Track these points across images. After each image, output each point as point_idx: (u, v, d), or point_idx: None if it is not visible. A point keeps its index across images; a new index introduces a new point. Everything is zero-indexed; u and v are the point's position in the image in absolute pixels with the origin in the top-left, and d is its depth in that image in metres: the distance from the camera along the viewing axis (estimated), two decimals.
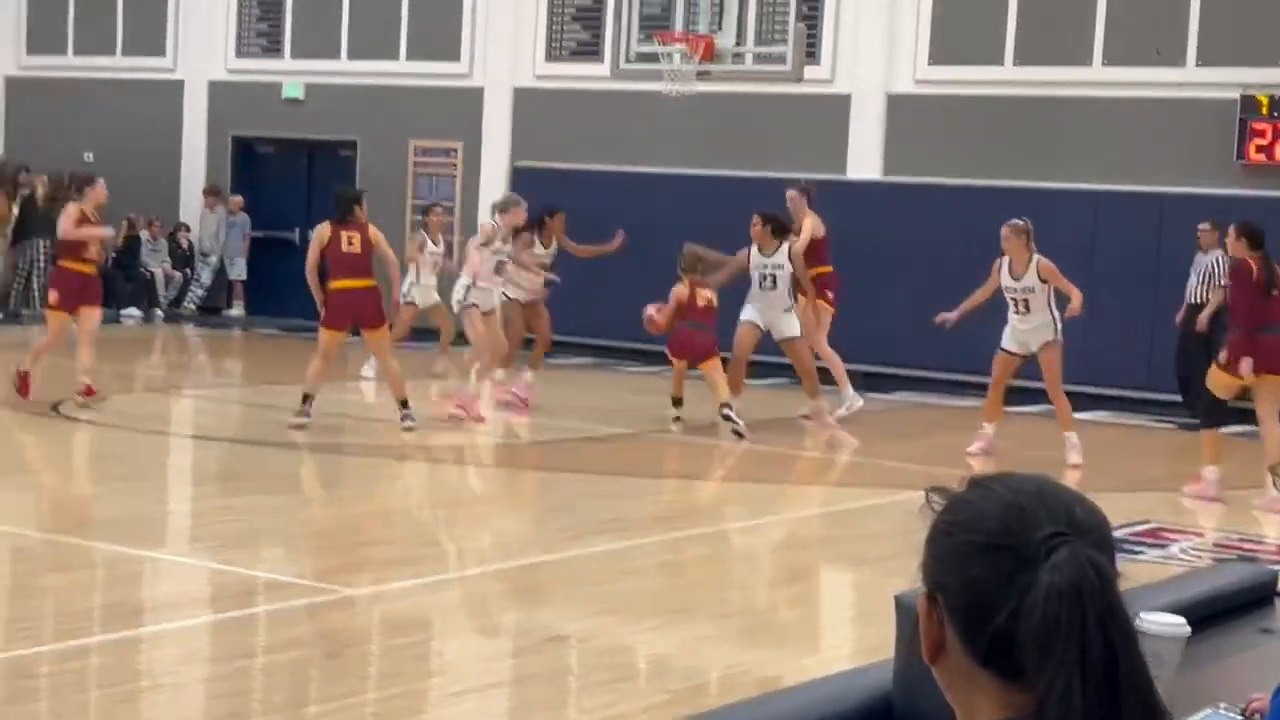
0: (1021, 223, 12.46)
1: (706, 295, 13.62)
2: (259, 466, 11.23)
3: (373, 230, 12.60)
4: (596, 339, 20.06)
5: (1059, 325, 12.28)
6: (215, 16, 22.61)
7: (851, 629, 7.76)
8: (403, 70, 21.46)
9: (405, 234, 21.53)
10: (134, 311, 22.01)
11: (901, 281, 17.80)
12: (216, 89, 22.78)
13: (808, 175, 18.60)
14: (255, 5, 22.51)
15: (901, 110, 18.61)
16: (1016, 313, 12.36)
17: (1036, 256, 12.32)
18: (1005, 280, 12.36)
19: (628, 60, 18.37)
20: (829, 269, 14.42)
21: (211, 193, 22.79)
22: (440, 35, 21.24)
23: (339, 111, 21.84)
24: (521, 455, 12.31)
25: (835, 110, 18.84)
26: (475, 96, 21.06)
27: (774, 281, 13.58)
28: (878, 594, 7.19)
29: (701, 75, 16.69)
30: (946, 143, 18.26)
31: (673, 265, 14.38)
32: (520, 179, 20.90)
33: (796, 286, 13.68)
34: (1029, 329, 12.31)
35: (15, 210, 21.34)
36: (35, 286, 20.78)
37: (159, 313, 22.29)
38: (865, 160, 18.87)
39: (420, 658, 6.64)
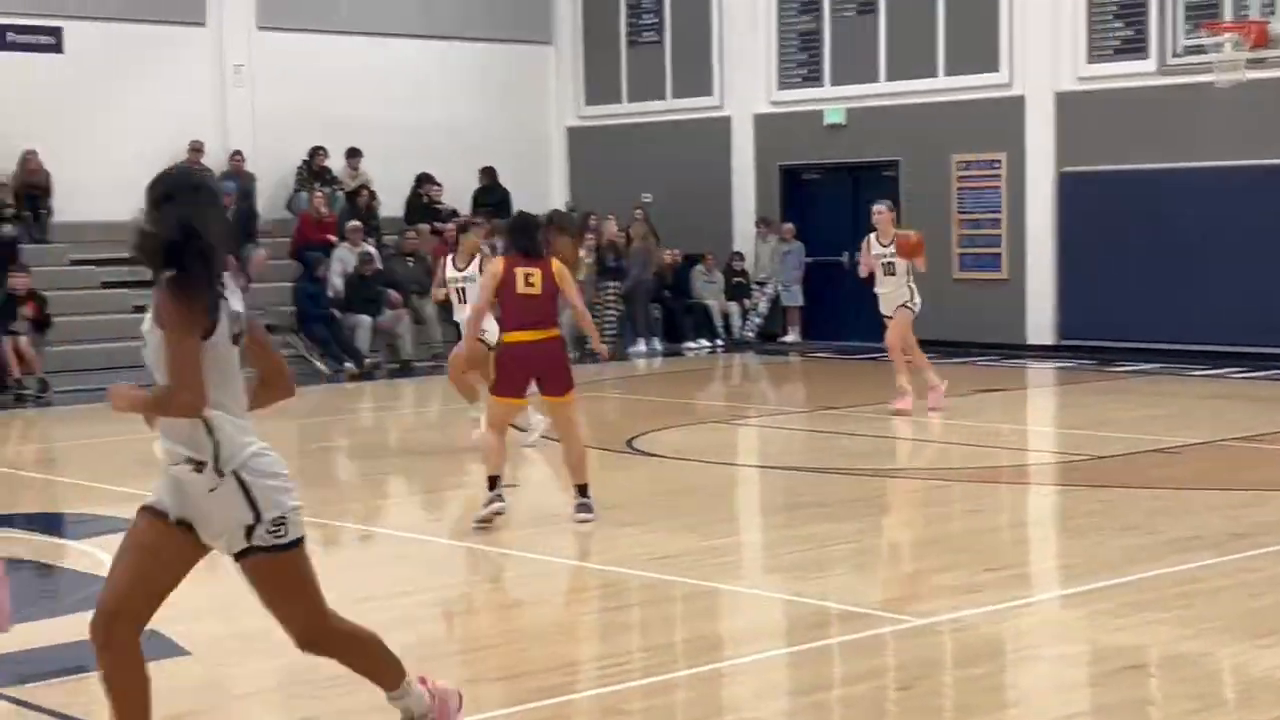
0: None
1: None
2: (822, 494, 11.47)
3: (557, 266, 10.10)
4: (1161, 342, 19.47)
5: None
6: (756, 52, 23.26)
7: None
8: (942, 86, 21.47)
9: (953, 249, 21.53)
10: (696, 343, 22.89)
11: None
12: (762, 121, 23.42)
13: None
14: (795, 38, 23.02)
15: None
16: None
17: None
18: None
19: (1175, 54, 17.75)
20: None
21: (763, 223, 23.44)
22: (978, 47, 21.12)
23: (880, 133, 22.05)
24: (1083, 472, 12.05)
25: None
26: (1016, 105, 20.82)
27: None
28: None
29: (1254, 63, 15.96)
30: None
31: (1234, 262, 13.77)
32: (1067, 185, 20.52)
33: None
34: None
35: (587, 255, 22.64)
36: (606, 327, 21.99)
37: (719, 342, 23.07)
38: None
39: (994, 689, 6.63)
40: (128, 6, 21.73)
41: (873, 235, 15.20)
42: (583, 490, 10.13)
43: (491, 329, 13.06)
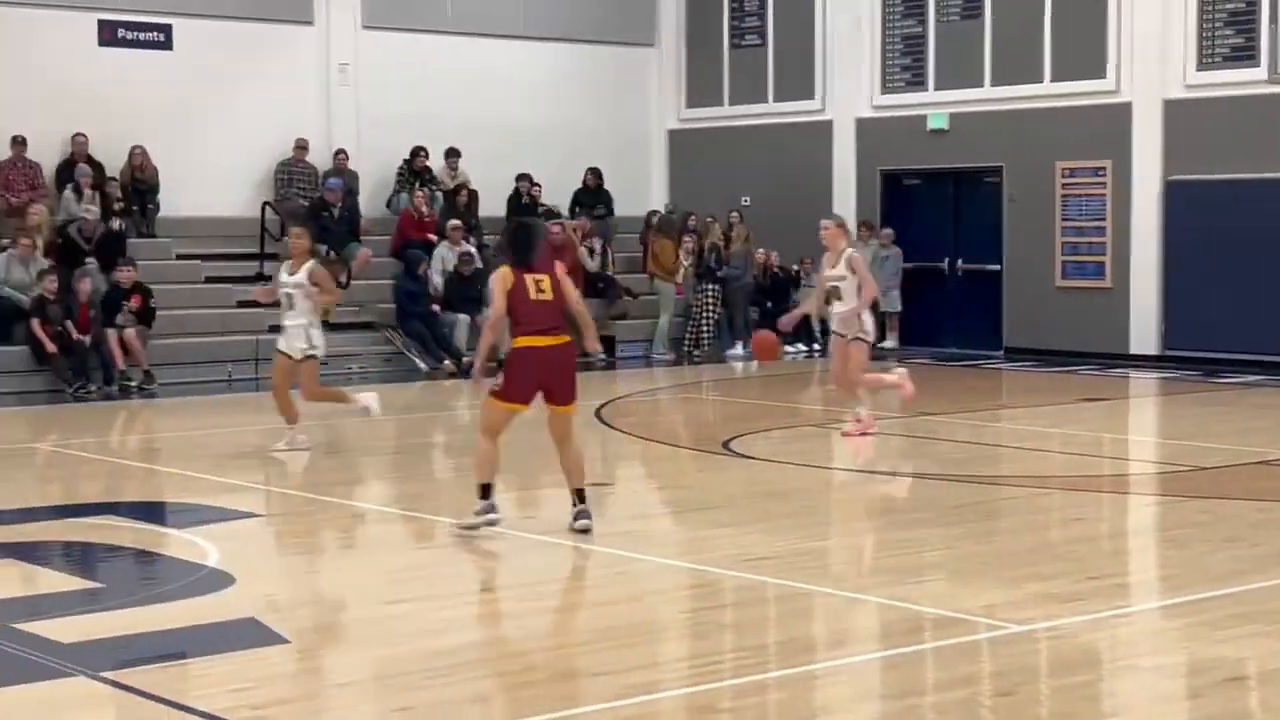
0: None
1: None
2: (919, 499, 11.40)
3: (562, 271, 9.98)
4: (1267, 354, 19.19)
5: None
6: (860, 56, 23.16)
7: None
8: (1047, 92, 21.28)
9: (1055, 256, 21.31)
10: (793, 347, 22.80)
11: None
12: (864, 125, 23.30)
13: None
14: (899, 42, 22.90)
15: None
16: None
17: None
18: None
19: None
20: None
21: (864, 227, 23.31)
22: (1084, 53, 20.90)
23: (983, 138, 21.88)
24: (1185, 482, 11.88)
25: None
26: (1123, 112, 20.57)
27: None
28: None
29: None
30: None
31: None
32: (1173, 193, 20.25)
33: None
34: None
35: (686, 258, 22.69)
36: (704, 330, 22.03)
37: (816, 346, 22.97)
38: None
39: (1093, 698, 6.55)
40: (237, 5, 21.99)
41: (827, 255, 13.83)
42: (581, 496, 9.79)
43: (320, 344, 13.20)
